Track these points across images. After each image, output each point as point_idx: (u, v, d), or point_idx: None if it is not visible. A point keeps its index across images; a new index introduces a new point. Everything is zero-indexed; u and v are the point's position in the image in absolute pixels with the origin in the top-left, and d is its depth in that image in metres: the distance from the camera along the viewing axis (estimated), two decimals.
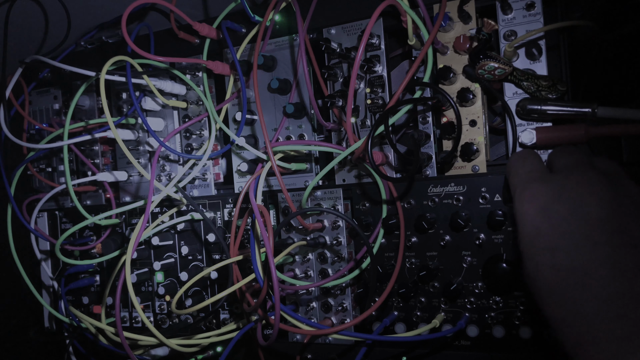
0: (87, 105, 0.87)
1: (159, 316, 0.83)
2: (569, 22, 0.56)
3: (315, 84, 0.69)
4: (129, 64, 0.68)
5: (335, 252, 0.69)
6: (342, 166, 0.69)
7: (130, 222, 0.84)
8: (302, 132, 0.71)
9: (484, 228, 0.62)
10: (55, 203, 0.90)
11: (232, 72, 0.74)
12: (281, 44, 0.72)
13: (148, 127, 0.70)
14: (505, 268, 0.59)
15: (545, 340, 0.60)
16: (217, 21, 0.73)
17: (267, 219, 0.57)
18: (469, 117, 0.62)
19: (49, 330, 0.93)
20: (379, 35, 0.66)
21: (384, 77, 0.66)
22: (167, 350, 0.79)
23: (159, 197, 0.71)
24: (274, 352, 0.74)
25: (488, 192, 0.61)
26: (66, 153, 0.73)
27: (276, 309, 0.54)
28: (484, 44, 0.58)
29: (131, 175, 0.83)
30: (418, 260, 0.66)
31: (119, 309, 0.67)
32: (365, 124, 0.68)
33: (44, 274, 0.91)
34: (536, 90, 0.58)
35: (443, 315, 0.65)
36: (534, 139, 0.58)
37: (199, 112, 0.78)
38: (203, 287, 0.79)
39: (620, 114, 0.54)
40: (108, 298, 0.83)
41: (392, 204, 0.66)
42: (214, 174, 0.79)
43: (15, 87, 0.80)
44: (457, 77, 0.62)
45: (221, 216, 0.77)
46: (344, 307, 0.69)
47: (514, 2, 0.59)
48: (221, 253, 0.77)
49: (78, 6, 0.78)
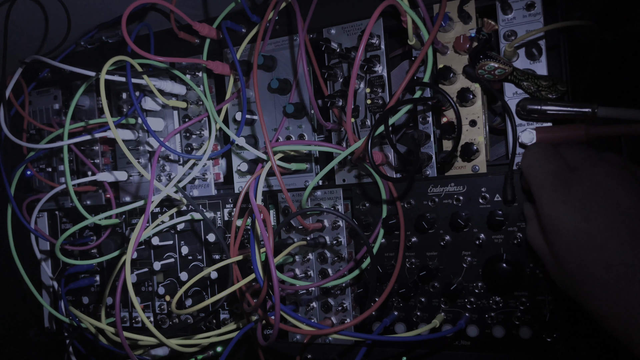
0: (87, 105, 0.87)
1: (159, 316, 0.83)
2: (569, 22, 0.56)
3: (315, 84, 0.69)
4: (129, 64, 0.68)
5: (335, 252, 0.69)
6: (342, 166, 0.69)
7: (130, 222, 0.84)
8: (302, 132, 0.71)
9: (484, 228, 0.62)
10: (55, 203, 0.90)
11: (232, 72, 0.74)
12: (281, 44, 0.72)
13: (148, 127, 0.70)
14: (505, 268, 0.59)
15: (545, 341, 0.60)
16: (217, 21, 0.73)
17: (267, 219, 0.57)
18: (469, 117, 0.62)
19: (49, 330, 0.93)
20: (379, 35, 0.66)
21: (384, 77, 0.66)
22: (167, 350, 0.79)
23: (159, 197, 0.71)
24: (274, 352, 0.74)
25: (488, 192, 0.61)
26: (66, 153, 0.73)
27: (276, 309, 0.54)
28: (484, 44, 0.58)
29: (131, 175, 0.83)
30: (418, 260, 0.66)
31: (119, 309, 0.67)
32: (365, 124, 0.68)
33: (44, 274, 0.91)
34: (536, 90, 0.58)
35: (443, 315, 0.65)
36: (534, 139, 0.58)
37: (199, 112, 0.78)
38: (203, 287, 0.79)
39: (620, 114, 0.54)
40: (108, 298, 0.83)
41: (392, 204, 0.66)
42: (214, 174, 0.79)
43: (15, 87, 0.80)
44: (457, 77, 0.62)
45: (221, 216, 0.77)
46: (344, 307, 0.69)
47: (514, 2, 0.59)
48: (221, 253, 0.77)
49: (78, 6, 0.78)
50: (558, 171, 0.50)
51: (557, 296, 0.59)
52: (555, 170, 0.51)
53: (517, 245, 0.60)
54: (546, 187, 0.49)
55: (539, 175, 0.51)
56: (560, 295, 0.59)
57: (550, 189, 0.49)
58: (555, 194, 0.48)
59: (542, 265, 0.59)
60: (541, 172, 0.51)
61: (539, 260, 0.59)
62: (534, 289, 0.60)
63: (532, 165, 0.53)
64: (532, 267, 0.60)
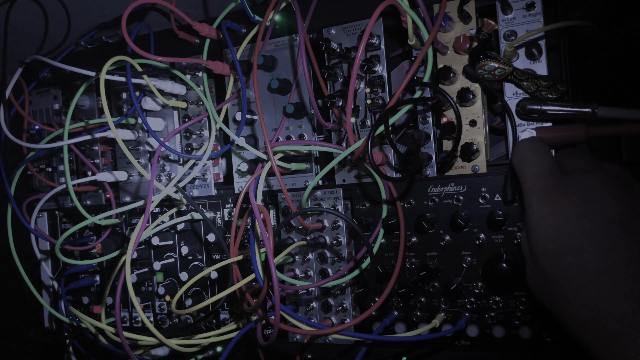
0: (87, 105, 0.87)
1: (159, 316, 0.83)
2: (569, 22, 0.56)
3: (315, 84, 0.69)
4: (129, 64, 0.68)
5: (335, 252, 0.69)
6: (342, 166, 0.69)
7: (130, 222, 0.84)
8: (302, 132, 0.71)
9: (484, 228, 0.62)
10: (55, 203, 0.90)
11: (232, 72, 0.74)
12: (281, 44, 0.72)
13: (148, 127, 0.70)
14: (505, 268, 0.59)
15: (545, 341, 0.60)
16: (217, 21, 0.73)
17: (267, 219, 0.57)
18: (469, 117, 0.62)
19: (49, 330, 0.93)
20: (379, 35, 0.66)
21: (384, 77, 0.66)
22: (167, 350, 0.79)
23: (159, 197, 0.71)
24: (274, 352, 0.74)
25: (488, 192, 0.61)
26: (66, 153, 0.73)
27: (276, 309, 0.54)
28: (484, 44, 0.58)
29: (131, 175, 0.83)
30: (418, 260, 0.66)
31: (119, 309, 0.67)
32: (365, 124, 0.68)
33: (44, 274, 0.91)
34: (536, 90, 0.58)
35: (443, 315, 0.65)
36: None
37: (199, 112, 0.78)
38: (203, 287, 0.79)
39: (620, 114, 0.54)
40: (108, 298, 0.83)
41: (392, 204, 0.66)
42: (214, 174, 0.79)
43: (15, 87, 0.80)
44: (457, 77, 0.62)
45: (221, 216, 0.77)
46: (344, 307, 0.69)
47: (514, 2, 0.59)
48: (221, 253, 0.77)
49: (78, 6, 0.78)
50: (549, 173, 0.50)
51: None
52: (544, 169, 0.51)
53: (517, 245, 0.60)
54: (536, 190, 0.50)
55: (530, 177, 0.51)
56: None
57: (539, 192, 0.49)
58: (544, 197, 0.48)
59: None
60: (532, 174, 0.51)
61: None
62: None
63: (523, 162, 0.53)
64: None
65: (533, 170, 0.51)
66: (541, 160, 0.52)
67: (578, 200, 0.46)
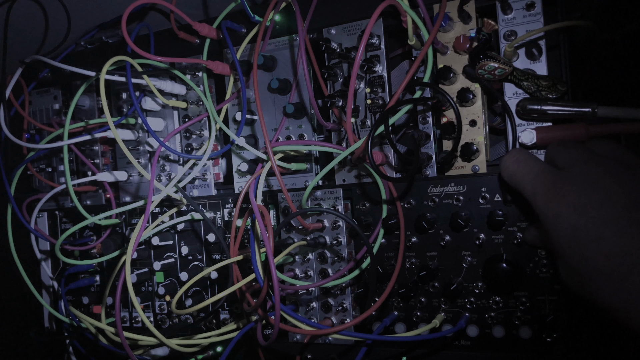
0: (87, 105, 0.87)
1: (159, 316, 0.83)
2: (569, 22, 0.56)
3: (315, 84, 0.69)
4: (129, 64, 0.68)
5: (335, 252, 0.69)
6: (342, 166, 0.69)
7: (130, 222, 0.84)
8: (302, 132, 0.71)
9: (484, 228, 0.62)
10: (55, 203, 0.90)
11: (232, 72, 0.74)
12: (281, 44, 0.72)
13: (148, 127, 0.70)
14: (505, 268, 0.59)
15: (545, 341, 0.60)
16: (217, 21, 0.73)
17: (267, 219, 0.57)
18: (469, 117, 0.62)
19: (49, 330, 0.93)
20: (379, 35, 0.66)
21: (384, 77, 0.66)
22: (167, 350, 0.79)
23: (159, 197, 0.71)
24: (274, 352, 0.74)
25: (488, 192, 0.61)
26: (66, 153, 0.73)
27: (276, 309, 0.54)
28: (484, 44, 0.58)
29: (131, 175, 0.83)
30: (418, 260, 0.66)
31: (119, 309, 0.67)
32: (365, 124, 0.68)
33: (44, 274, 0.91)
34: (536, 90, 0.58)
35: (443, 315, 0.65)
36: (534, 139, 0.57)
37: (199, 112, 0.78)
38: (203, 287, 0.79)
39: (620, 113, 0.54)
40: (108, 298, 0.83)
41: (392, 204, 0.66)
42: (214, 174, 0.79)
43: (15, 87, 0.80)
44: (457, 77, 0.62)
45: (221, 216, 0.77)
46: (344, 307, 0.69)
47: (514, 2, 0.59)
48: (221, 253, 0.77)
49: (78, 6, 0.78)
50: (545, 171, 0.51)
51: (557, 296, 0.59)
52: (541, 171, 0.51)
53: (517, 245, 0.60)
54: (539, 191, 0.50)
55: (529, 182, 0.52)
56: (560, 295, 0.59)
57: (543, 193, 0.49)
58: (548, 196, 0.49)
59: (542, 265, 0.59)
60: (529, 180, 0.52)
61: (539, 261, 0.60)
62: (534, 289, 0.60)
63: (515, 174, 0.54)
64: (532, 267, 0.60)
65: (529, 176, 0.52)
66: (532, 165, 0.53)
67: (583, 192, 0.47)
